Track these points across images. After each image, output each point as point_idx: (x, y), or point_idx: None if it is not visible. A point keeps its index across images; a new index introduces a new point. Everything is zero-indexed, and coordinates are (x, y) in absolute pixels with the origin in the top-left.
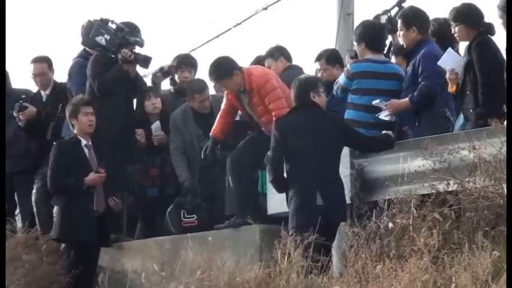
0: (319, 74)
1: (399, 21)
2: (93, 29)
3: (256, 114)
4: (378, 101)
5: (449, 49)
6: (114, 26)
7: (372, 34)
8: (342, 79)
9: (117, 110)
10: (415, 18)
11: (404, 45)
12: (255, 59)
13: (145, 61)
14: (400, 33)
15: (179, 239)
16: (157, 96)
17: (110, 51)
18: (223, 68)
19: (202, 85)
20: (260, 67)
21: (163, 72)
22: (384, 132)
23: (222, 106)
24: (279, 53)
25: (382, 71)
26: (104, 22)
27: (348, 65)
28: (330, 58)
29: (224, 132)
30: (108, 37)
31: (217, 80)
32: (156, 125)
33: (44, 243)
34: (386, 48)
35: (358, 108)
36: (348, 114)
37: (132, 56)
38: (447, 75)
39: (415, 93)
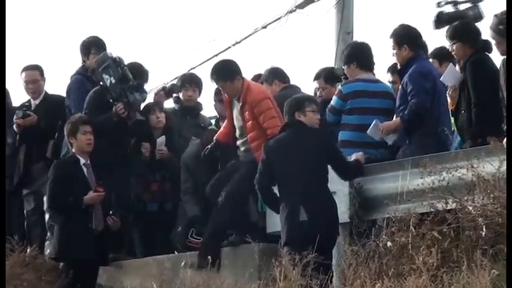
0: (317, 93)
1: (391, 40)
2: (104, 64)
3: (245, 128)
4: (373, 123)
5: (451, 65)
6: (123, 72)
7: (362, 54)
8: (334, 101)
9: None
10: (405, 36)
11: (398, 64)
12: (253, 77)
13: (136, 123)
14: (393, 52)
15: (178, 257)
16: (162, 110)
17: (110, 94)
18: (226, 70)
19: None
20: (259, 85)
21: (166, 92)
22: (353, 158)
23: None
24: (272, 76)
25: (374, 90)
26: (117, 63)
27: (340, 86)
28: (328, 77)
29: (228, 135)
30: (113, 81)
31: (218, 80)
32: (161, 139)
33: (42, 262)
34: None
35: (353, 129)
36: (343, 135)
37: (125, 114)
38: (449, 92)
39: (406, 112)
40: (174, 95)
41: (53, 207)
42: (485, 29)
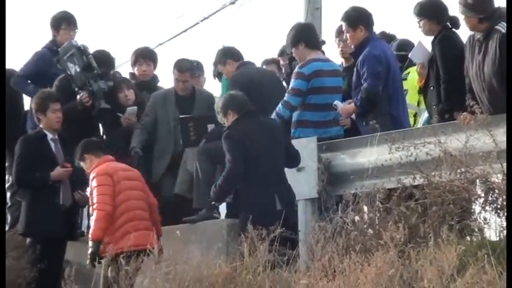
0: (283, 69)
1: (344, 23)
2: (69, 53)
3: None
4: (335, 102)
5: (419, 42)
6: (88, 60)
7: (309, 34)
8: (297, 83)
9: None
10: (360, 17)
11: (352, 46)
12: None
13: (100, 112)
14: (346, 35)
15: None
16: (130, 87)
17: (75, 83)
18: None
19: (184, 65)
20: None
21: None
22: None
23: None
24: (224, 57)
25: (329, 69)
26: (81, 52)
27: (298, 69)
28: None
29: None
30: (78, 69)
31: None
32: (133, 109)
33: (9, 238)
34: None
35: (313, 108)
36: (302, 115)
37: (90, 103)
38: (417, 69)
39: (358, 97)
40: (129, 71)
41: (19, 183)
42: (453, 4)
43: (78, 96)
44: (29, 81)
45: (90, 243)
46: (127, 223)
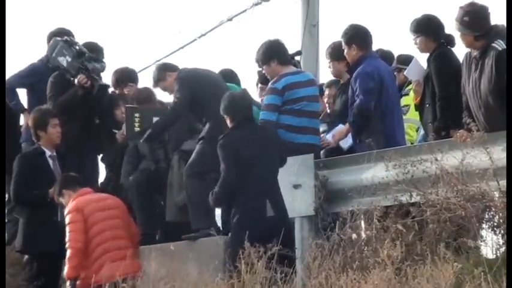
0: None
1: (342, 40)
2: (56, 49)
3: None
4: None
5: (415, 59)
6: (77, 48)
7: (280, 50)
8: (271, 99)
9: (78, 125)
10: (354, 35)
11: (350, 63)
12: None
13: (101, 88)
14: (345, 51)
15: (142, 250)
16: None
17: (69, 73)
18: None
19: (146, 94)
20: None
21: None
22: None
23: None
24: (161, 72)
25: (301, 80)
26: (68, 43)
27: (271, 84)
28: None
29: None
30: (69, 59)
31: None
32: None
33: (6, 255)
34: None
35: (293, 114)
36: (284, 119)
37: (88, 83)
38: (413, 87)
39: (351, 114)
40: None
41: (18, 200)
42: (449, 22)
43: (76, 80)
44: (17, 90)
45: (67, 282)
46: (104, 254)
